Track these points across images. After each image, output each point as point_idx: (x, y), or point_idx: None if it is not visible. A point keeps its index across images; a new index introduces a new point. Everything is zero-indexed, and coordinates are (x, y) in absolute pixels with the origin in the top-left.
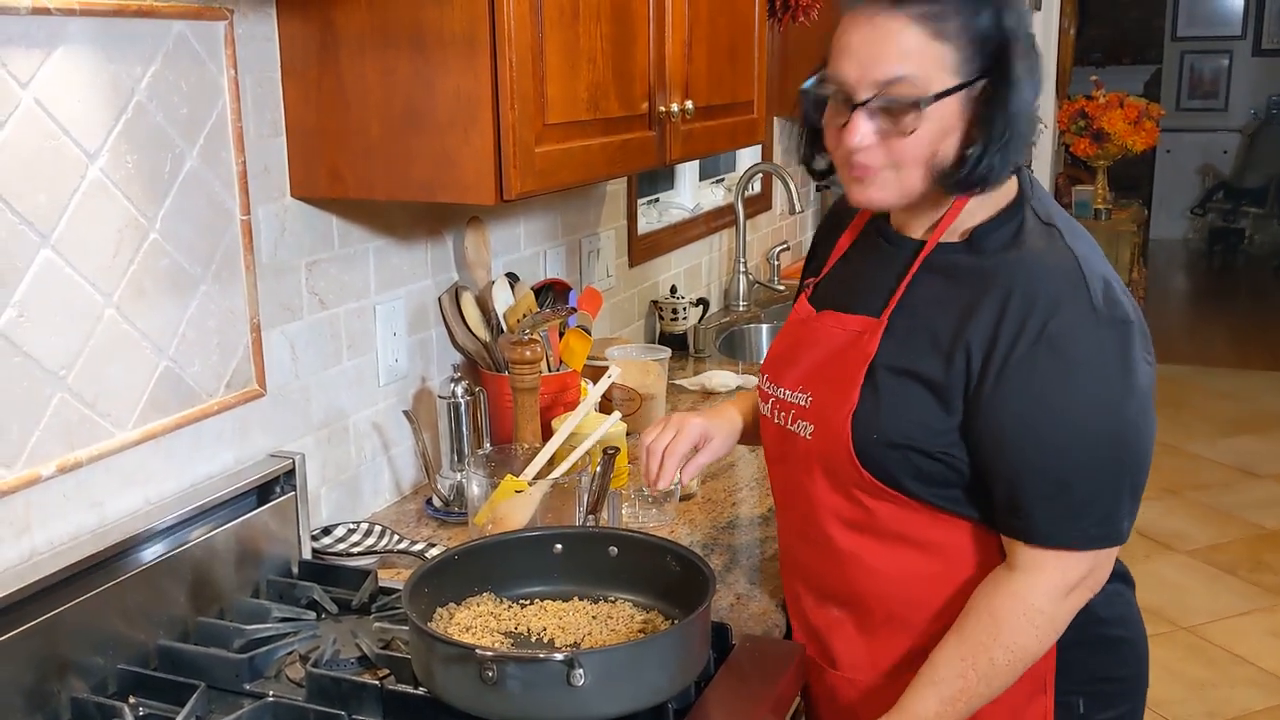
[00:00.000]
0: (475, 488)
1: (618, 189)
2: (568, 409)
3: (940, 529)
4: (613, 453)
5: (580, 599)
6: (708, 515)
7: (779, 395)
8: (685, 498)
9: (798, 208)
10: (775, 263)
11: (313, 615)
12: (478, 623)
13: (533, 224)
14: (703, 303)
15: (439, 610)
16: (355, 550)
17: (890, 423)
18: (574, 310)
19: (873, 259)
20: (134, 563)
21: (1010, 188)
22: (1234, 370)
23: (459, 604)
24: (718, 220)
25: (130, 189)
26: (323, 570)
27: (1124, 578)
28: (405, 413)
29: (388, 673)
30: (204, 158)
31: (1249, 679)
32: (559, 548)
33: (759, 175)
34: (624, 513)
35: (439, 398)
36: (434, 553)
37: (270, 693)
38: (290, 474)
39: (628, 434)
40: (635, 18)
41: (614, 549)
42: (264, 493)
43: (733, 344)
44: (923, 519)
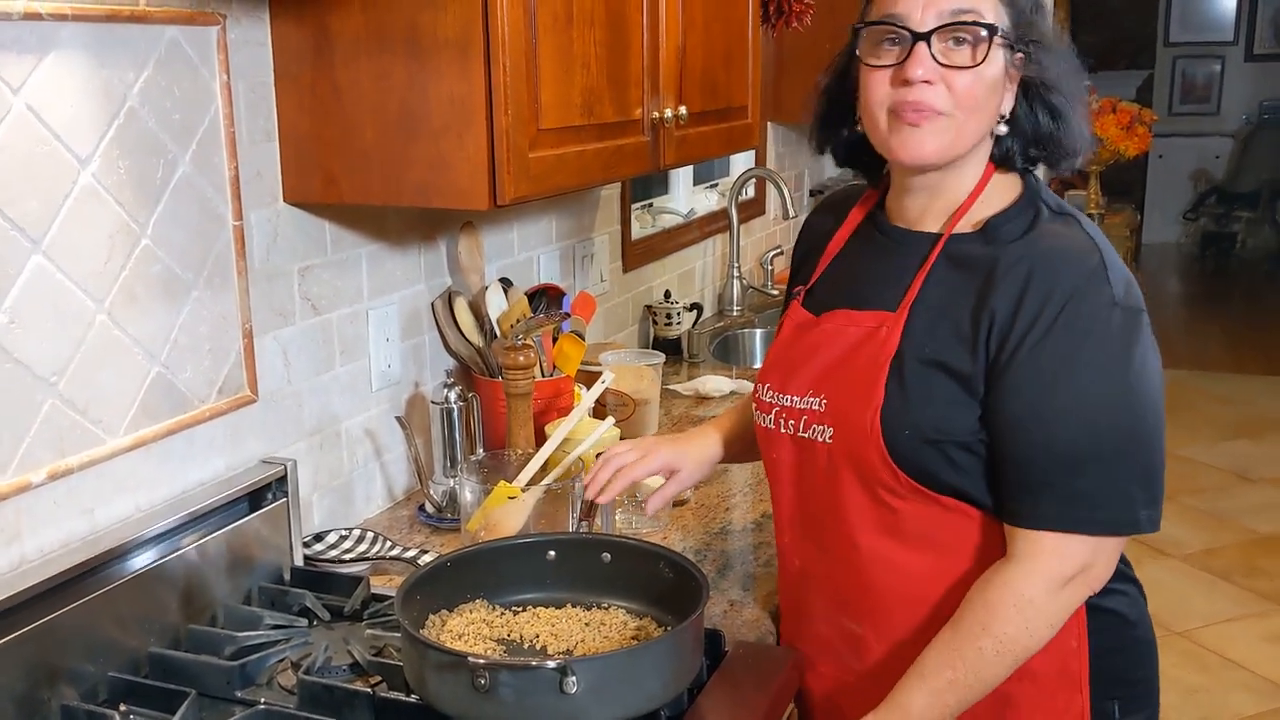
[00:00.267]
0: (468, 494)
1: (612, 194)
2: (561, 414)
3: (972, 530)
4: None
5: (573, 606)
6: (701, 521)
7: (785, 403)
8: (678, 504)
9: (791, 213)
10: (769, 267)
11: (305, 622)
12: (470, 630)
13: (526, 229)
14: (696, 308)
15: (431, 617)
16: (347, 557)
17: (922, 416)
18: (567, 315)
19: (874, 255)
20: (125, 570)
21: (1015, 183)
22: (1228, 374)
23: (451, 611)
24: (711, 225)
25: (122, 194)
26: (315, 577)
27: (1135, 580)
28: (398, 418)
29: (380, 680)
30: (196, 163)
31: (1243, 684)
32: (552, 554)
33: (753, 180)
34: (617, 519)
35: (432, 403)
36: (426, 559)
37: (262, 700)
38: (282, 480)
39: (621, 439)
40: (629, 23)
41: (607, 555)
42: (256, 499)
43: (727, 349)
44: (954, 519)
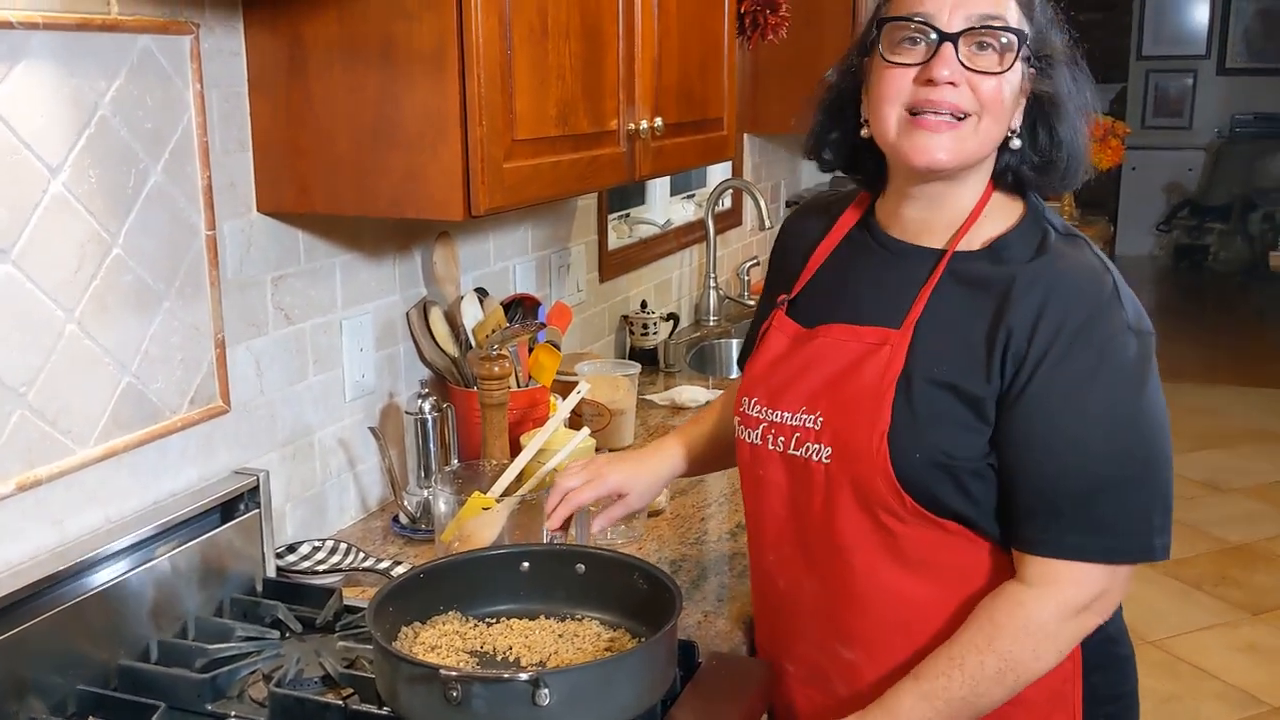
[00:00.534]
0: (442, 505)
1: (589, 204)
2: (537, 425)
3: (974, 554)
4: None
5: (547, 617)
6: (676, 532)
7: (775, 419)
8: (654, 514)
9: (767, 224)
10: (746, 278)
11: (276, 634)
12: (443, 642)
13: (502, 239)
14: (673, 318)
15: (404, 629)
16: (320, 568)
17: (933, 440)
18: (543, 325)
19: (871, 267)
20: (95, 581)
21: (1017, 203)
22: (1200, 385)
23: (424, 623)
24: (688, 235)
25: (93, 204)
26: (287, 588)
27: None
28: (371, 429)
29: (351, 692)
30: (169, 173)
31: (1215, 693)
32: (526, 565)
33: (729, 191)
34: (593, 530)
35: (406, 413)
36: (400, 571)
37: (232, 713)
38: (254, 491)
39: (597, 449)
40: (605, 35)
41: (581, 567)
42: (228, 510)
43: (703, 359)
44: (957, 543)
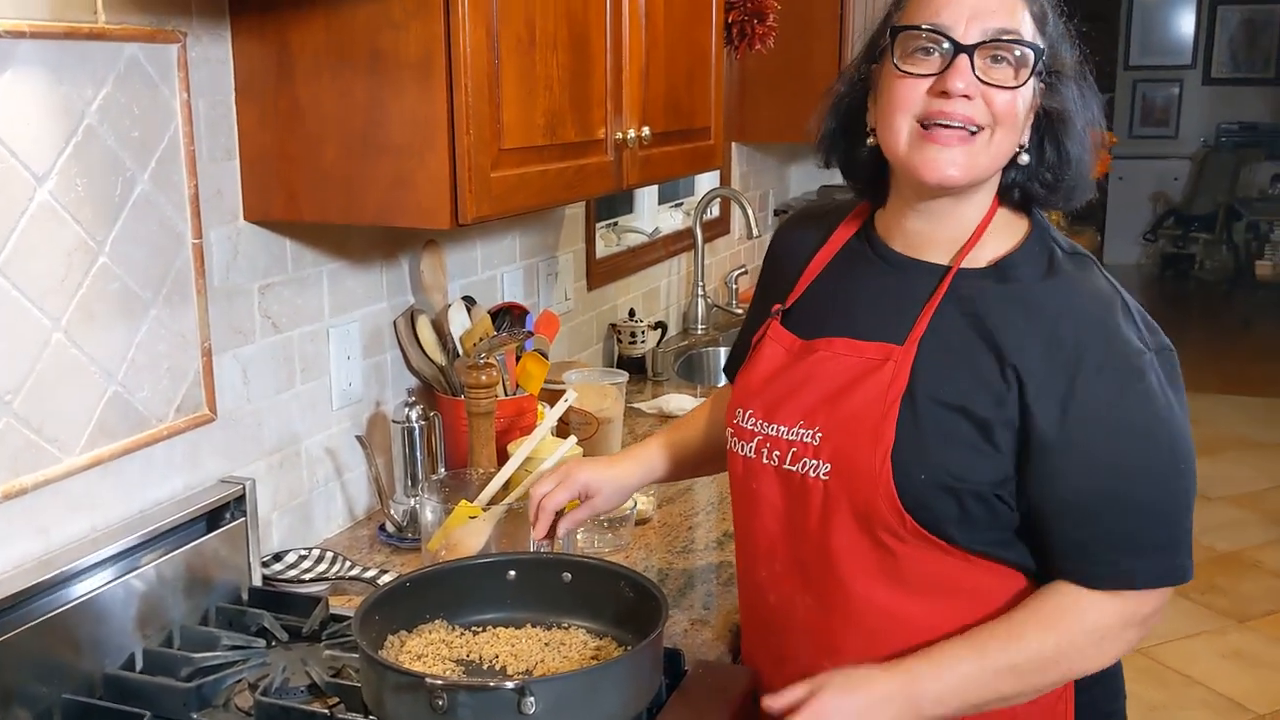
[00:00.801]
0: (429, 513)
1: (576, 212)
2: (524, 433)
3: (972, 575)
4: None
5: (533, 626)
6: (663, 540)
7: (771, 433)
8: (641, 522)
9: (755, 232)
10: (734, 286)
11: (262, 643)
12: (429, 650)
13: (490, 247)
14: (661, 326)
15: (390, 638)
16: (307, 577)
17: (940, 461)
18: (530, 334)
19: (872, 280)
20: (80, 590)
21: (1021, 220)
22: (1186, 394)
23: (410, 631)
24: (676, 244)
25: (80, 212)
26: (273, 597)
27: None
28: (358, 437)
29: (338, 701)
30: (155, 181)
31: (1201, 700)
32: (512, 574)
33: (717, 200)
34: (579, 538)
35: (393, 422)
36: (386, 579)
37: None
38: (241, 500)
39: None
40: (592, 46)
41: (567, 575)
42: (214, 519)
43: (691, 367)
44: (955, 564)
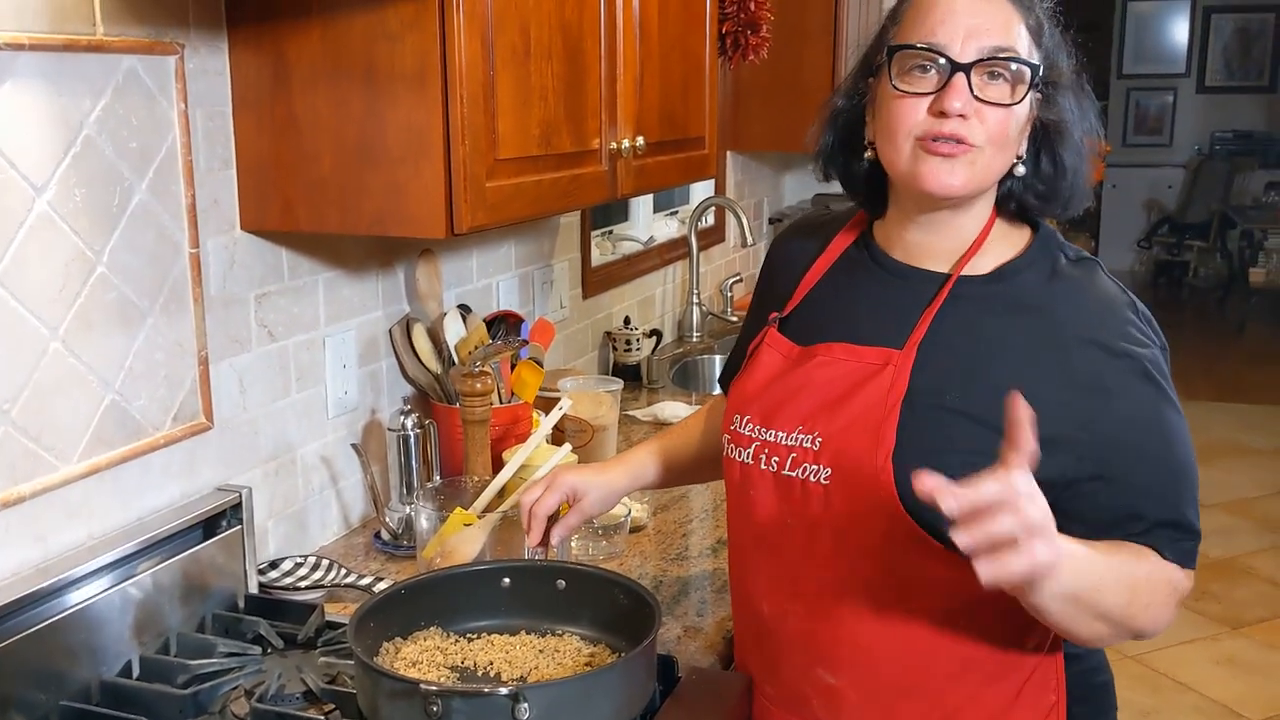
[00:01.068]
0: (424, 521)
1: (572, 221)
2: (519, 441)
3: (968, 584)
4: None
5: (527, 633)
6: (658, 547)
7: (769, 439)
8: (635, 529)
9: (750, 240)
10: (729, 294)
11: (258, 650)
12: (424, 657)
13: (486, 255)
14: (656, 334)
15: (385, 645)
16: (302, 584)
17: (941, 464)
18: (526, 342)
19: (871, 287)
20: (77, 597)
21: (1023, 229)
22: (1180, 402)
23: (405, 638)
24: (672, 252)
25: (78, 222)
26: (269, 604)
27: None
28: (353, 445)
29: (333, 708)
30: (153, 191)
31: (1194, 706)
32: (506, 581)
33: (712, 208)
34: (573, 545)
35: (388, 430)
36: (381, 587)
37: None
38: (237, 507)
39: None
40: (587, 56)
41: (562, 582)
42: (210, 526)
43: (686, 375)
44: (951, 571)
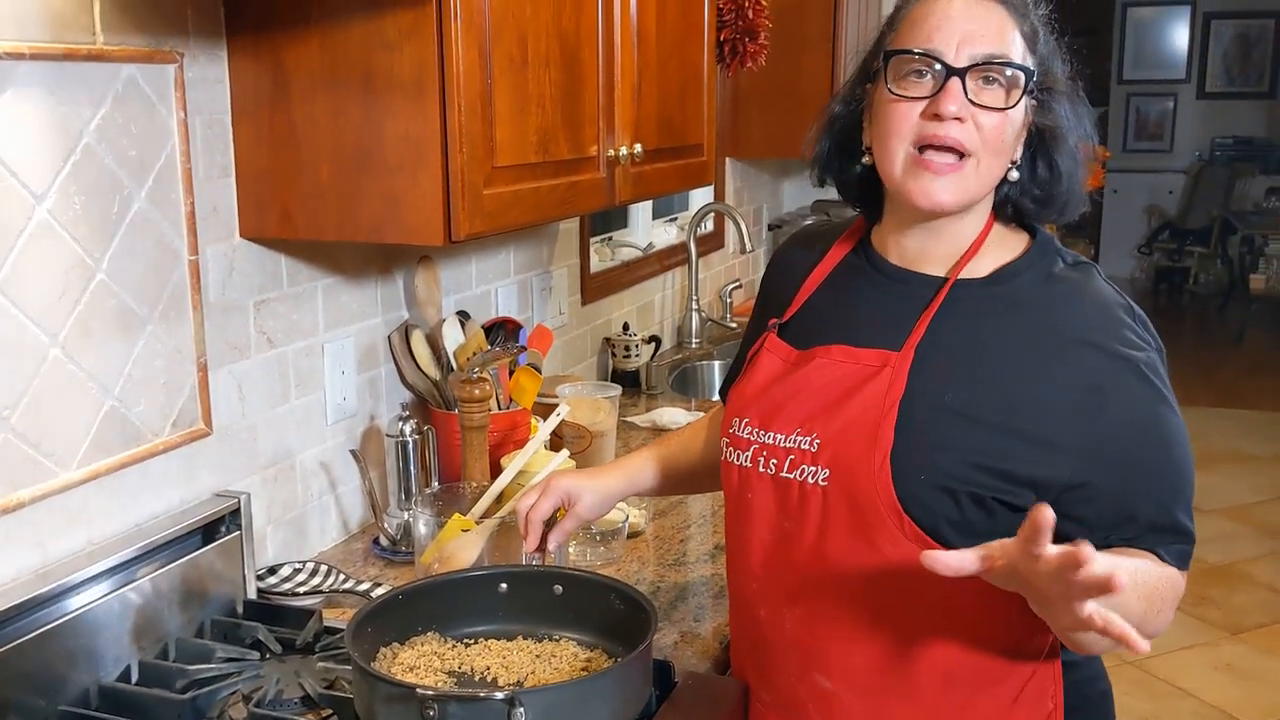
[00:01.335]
0: (422, 527)
1: (571, 227)
2: (517, 447)
3: (966, 583)
4: None
5: (524, 638)
6: (656, 553)
7: (767, 441)
8: (633, 535)
9: (748, 247)
10: (728, 300)
11: (256, 655)
12: (421, 662)
13: (485, 262)
14: (655, 340)
15: (383, 650)
16: (301, 590)
17: (939, 463)
18: (524, 348)
19: (869, 291)
20: (76, 603)
21: (1020, 234)
22: (1179, 407)
23: (403, 644)
24: (670, 259)
25: (77, 230)
26: (267, 610)
27: None
28: (352, 451)
29: (330, 713)
30: (152, 199)
31: (1193, 712)
32: (504, 587)
33: (711, 214)
34: (571, 551)
35: (387, 436)
36: (379, 592)
37: None
38: (236, 513)
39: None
40: (584, 64)
41: (559, 588)
42: (209, 532)
43: (685, 381)
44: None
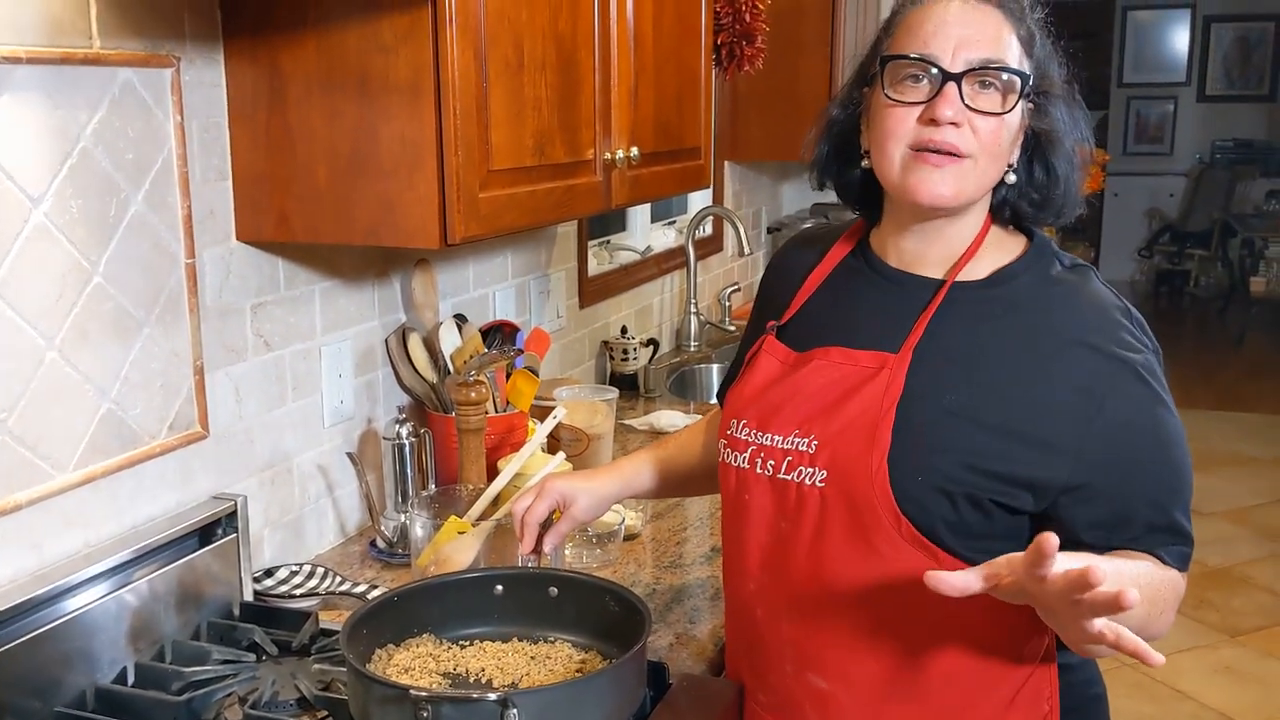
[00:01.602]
0: (418, 529)
1: (569, 230)
2: (514, 450)
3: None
4: None
5: (520, 640)
6: (652, 555)
7: (765, 442)
8: (629, 538)
9: (747, 250)
10: (726, 303)
11: (253, 657)
12: (417, 664)
13: (482, 265)
14: (653, 343)
15: (378, 651)
16: (298, 592)
17: (936, 464)
18: (521, 351)
19: (867, 293)
20: (73, 605)
21: (1018, 236)
22: (1179, 410)
23: (398, 645)
24: (669, 262)
25: (74, 233)
26: (264, 612)
27: None
28: (349, 454)
29: (326, 714)
30: (149, 202)
31: (1192, 715)
32: (499, 589)
33: (710, 218)
34: (567, 553)
35: (384, 439)
36: (376, 595)
37: None
38: (233, 516)
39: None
40: (581, 68)
41: (554, 590)
42: (206, 534)
43: (683, 384)
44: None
